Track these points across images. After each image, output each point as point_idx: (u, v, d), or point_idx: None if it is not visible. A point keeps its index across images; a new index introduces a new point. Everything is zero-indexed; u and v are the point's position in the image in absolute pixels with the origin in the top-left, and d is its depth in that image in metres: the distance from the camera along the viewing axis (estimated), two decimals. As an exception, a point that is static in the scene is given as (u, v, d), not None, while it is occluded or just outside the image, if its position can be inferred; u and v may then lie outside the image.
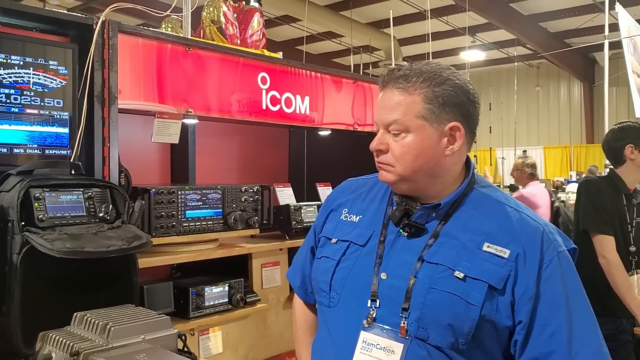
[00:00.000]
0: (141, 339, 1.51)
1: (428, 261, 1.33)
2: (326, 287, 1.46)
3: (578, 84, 18.10)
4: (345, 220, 1.52)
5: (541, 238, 1.33)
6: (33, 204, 1.65)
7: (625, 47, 7.47)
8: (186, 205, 2.42)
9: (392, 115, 1.36)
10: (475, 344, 1.28)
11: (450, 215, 1.38)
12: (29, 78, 1.93)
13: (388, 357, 1.30)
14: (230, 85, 2.54)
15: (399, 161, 1.36)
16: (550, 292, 1.29)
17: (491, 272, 1.29)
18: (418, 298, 1.30)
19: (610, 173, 3.21)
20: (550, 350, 1.27)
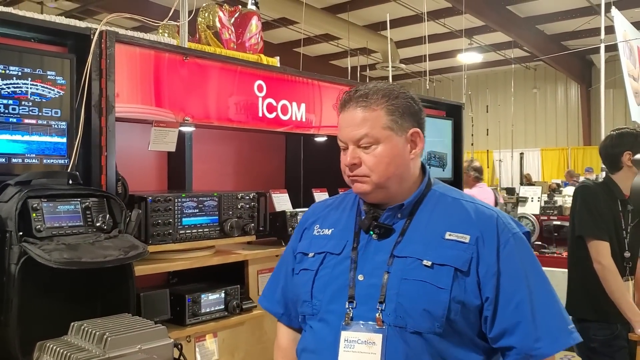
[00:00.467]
0: (137, 349, 1.53)
1: (398, 256, 1.46)
2: (307, 296, 1.55)
3: (575, 86, 18.16)
4: (319, 234, 1.63)
5: (496, 222, 1.49)
6: (31, 214, 1.67)
7: (621, 50, 7.51)
8: (183, 212, 2.43)
9: (360, 130, 1.49)
10: (450, 326, 1.40)
11: (413, 214, 1.53)
12: (27, 88, 1.94)
13: (370, 349, 1.40)
14: (227, 93, 2.56)
15: (374, 170, 1.49)
16: (510, 268, 1.44)
17: (455, 257, 1.43)
18: (392, 290, 1.42)
19: (606, 179, 3.23)
20: (517, 321, 1.41)
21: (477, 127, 13.96)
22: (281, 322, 1.74)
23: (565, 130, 18.47)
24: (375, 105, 1.49)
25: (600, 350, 3.09)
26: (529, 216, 7.01)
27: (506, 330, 1.42)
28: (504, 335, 1.43)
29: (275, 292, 1.74)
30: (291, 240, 1.75)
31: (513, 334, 1.41)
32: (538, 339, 1.41)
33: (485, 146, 15.11)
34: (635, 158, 2.91)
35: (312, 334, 1.53)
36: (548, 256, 6.46)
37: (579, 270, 3.18)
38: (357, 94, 1.51)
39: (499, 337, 1.43)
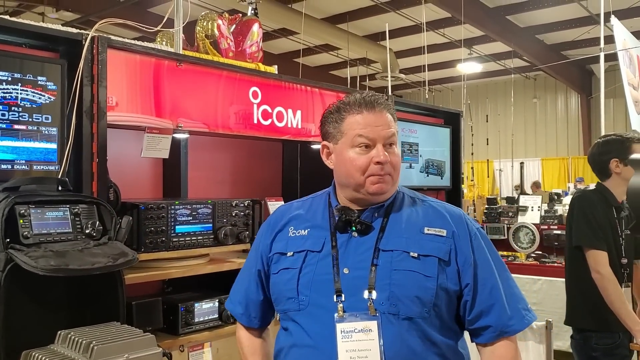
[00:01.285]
0: (124, 358, 1.50)
1: (383, 250, 1.57)
2: (293, 293, 1.61)
3: (575, 96, 18.14)
4: (295, 235, 1.69)
5: (464, 219, 1.66)
6: (18, 220, 1.64)
7: (620, 59, 7.50)
8: (176, 220, 2.40)
9: (391, 130, 1.62)
10: (435, 311, 1.55)
11: (389, 213, 1.64)
12: (17, 94, 1.92)
13: (367, 336, 1.50)
14: (220, 99, 2.53)
15: (396, 169, 1.63)
16: (482, 258, 1.62)
17: (437, 248, 1.58)
18: (384, 280, 1.53)
19: (599, 186, 3.19)
20: (492, 303, 1.58)
21: (477, 137, 13.93)
22: (240, 322, 1.81)
23: (565, 140, 18.43)
24: (391, 111, 1.65)
25: (603, 359, 3.05)
26: (529, 225, 6.95)
27: (483, 312, 1.59)
28: (480, 316, 1.59)
29: (238, 294, 1.82)
30: (259, 243, 1.78)
31: (489, 314, 1.58)
32: (510, 317, 1.59)
33: (486, 156, 15.08)
34: (632, 158, 2.87)
35: (302, 330, 1.58)
36: (548, 266, 6.40)
37: (577, 280, 3.15)
38: (380, 99, 1.63)
39: (477, 318, 1.60)
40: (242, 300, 1.80)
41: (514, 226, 6.96)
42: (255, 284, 1.77)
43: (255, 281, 1.77)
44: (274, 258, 1.70)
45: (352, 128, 1.60)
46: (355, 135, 1.59)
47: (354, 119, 1.60)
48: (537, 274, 6.09)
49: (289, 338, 1.63)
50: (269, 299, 1.76)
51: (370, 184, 1.59)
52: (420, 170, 3.82)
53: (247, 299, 1.79)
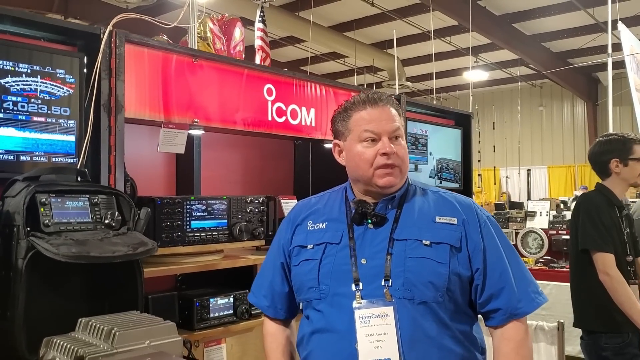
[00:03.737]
0: (146, 345, 1.49)
1: (397, 239, 1.65)
2: (314, 282, 1.69)
3: (581, 104, 18.11)
4: (313, 229, 1.77)
5: (474, 207, 1.75)
6: (39, 209, 1.64)
7: (628, 65, 7.49)
8: (191, 215, 2.41)
9: (395, 123, 1.70)
10: (449, 295, 1.62)
11: (402, 204, 1.72)
12: (36, 86, 1.94)
13: (384, 321, 1.58)
14: (235, 96, 2.54)
15: (403, 160, 1.70)
16: (491, 244, 1.69)
17: (449, 236, 1.66)
18: (398, 267, 1.61)
19: (600, 187, 3.18)
20: (502, 286, 1.66)
21: (484, 144, 13.93)
22: (267, 314, 1.87)
23: (572, 148, 18.38)
24: (395, 106, 1.73)
25: (613, 358, 3.04)
26: (538, 230, 6.92)
27: (493, 295, 1.66)
28: (491, 299, 1.66)
29: (262, 287, 1.88)
30: (279, 238, 1.87)
31: (499, 297, 1.66)
32: (519, 300, 1.66)
33: (492, 163, 15.05)
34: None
35: (323, 317, 1.66)
36: (557, 270, 6.37)
37: (584, 282, 3.14)
38: (383, 96, 1.72)
39: (487, 301, 1.67)
40: (267, 294, 1.86)
41: (522, 231, 6.94)
42: (280, 276, 1.83)
43: (280, 274, 1.84)
44: (294, 251, 1.78)
45: (359, 124, 1.69)
46: (362, 130, 1.68)
47: (360, 115, 1.70)
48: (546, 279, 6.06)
49: (310, 325, 1.70)
50: (293, 292, 1.83)
51: (378, 177, 1.66)
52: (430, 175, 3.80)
53: (272, 292, 1.85)
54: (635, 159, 3.10)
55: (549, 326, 3.87)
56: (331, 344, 1.63)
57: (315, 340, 1.68)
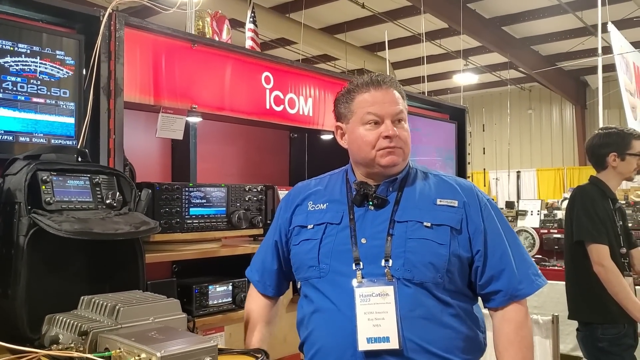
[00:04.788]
0: (150, 321, 1.48)
1: (398, 221, 1.66)
2: (314, 261, 1.70)
3: (570, 107, 18.26)
4: (314, 210, 1.78)
5: (474, 190, 1.75)
6: (40, 186, 1.62)
7: (618, 65, 7.56)
8: (190, 202, 2.39)
9: (399, 106, 1.69)
10: (449, 277, 1.63)
11: (402, 187, 1.73)
12: (35, 67, 1.92)
13: (385, 300, 1.59)
14: (234, 82, 2.54)
15: (406, 143, 1.71)
16: (492, 226, 1.69)
17: (449, 218, 1.66)
18: (399, 248, 1.62)
19: (594, 180, 3.21)
20: (502, 269, 1.67)
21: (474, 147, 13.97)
22: (257, 288, 1.92)
23: (560, 151, 18.52)
24: (399, 89, 1.73)
25: (609, 349, 3.05)
26: (529, 229, 6.95)
27: (493, 277, 1.67)
28: (491, 281, 1.67)
29: (256, 263, 1.93)
30: (279, 216, 1.88)
31: (499, 279, 1.67)
32: (520, 281, 1.67)
33: (482, 165, 15.12)
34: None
35: (323, 296, 1.67)
36: (549, 269, 6.39)
37: (579, 274, 3.16)
38: (387, 78, 1.71)
39: (487, 283, 1.68)
40: (259, 269, 1.91)
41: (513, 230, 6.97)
42: (270, 254, 1.88)
43: (271, 252, 1.88)
44: (294, 231, 1.80)
45: (361, 106, 1.69)
46: (365, 112, 1.68)
47: (363, 98, 1.69)
48: (539, 278, 6.07)
49: (311, 305, 1.72)
50: (283, 270, 1.88)
51: (381, 157, 1.67)
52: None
53: (263, 268, 1.90)
54: (632, 154, 3.13)
55: (544, 320, 3.89)
56: (332, 322, 1.64)
57: (316, 319, 1.69)
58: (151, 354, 1.25)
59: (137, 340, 1.31)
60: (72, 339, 1.41)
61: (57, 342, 1.43)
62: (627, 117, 7.88)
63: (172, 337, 1.35)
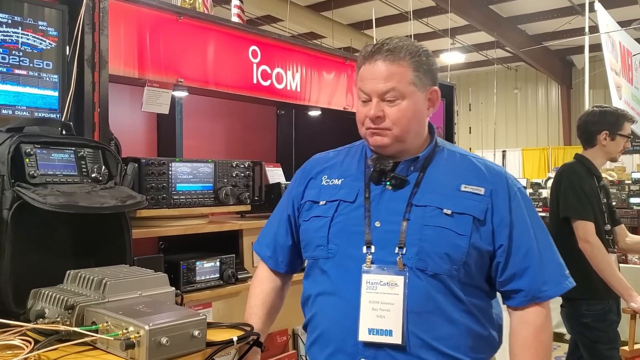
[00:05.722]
0: (138, 295, 1.47)
1: (417, 205, 1.53)
2: (323, 241, 1.60)
3: (556, 87, 18.33)
4: (328, 184, 1.67)
5: (505, 177, 1.60)
6: (24, 159, 1.59)
7: (604, 44, 7.57)
8: (177, 178, 2.37)
9: (387, 84, 1.52)
10: (465, 270, 1.51)
11: (425, 167, 1.59)
12: (17, 37, 1.87)
13: (392, 290, 1.48)
14: (220, 56, 2.50)
15: (397, 124, 1.53)
16: (519, 219, 1.56)
17: (473, 206, 1.53)
18: (414, 235, 1.50)
19: (580, 157, 3.23)
20: (526, 266, 1.54)
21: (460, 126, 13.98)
22: (267, 264, 1.79)
23: (545, 131, 18.63)
24: (402, 60, 1.52)
25: (593, 325, 3.09)
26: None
27: (515, 274, 1.54)
28: (513, 279, 1.54)
29: (267, 237, 1.80)
30: (292, 189, 1.77)
31: (522, 277, 1.54)
32: (545, 282, 1.54)
33: (468, 145, 15.16)
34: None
35: (329, 278, 1.57)
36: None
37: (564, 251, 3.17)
38: (385, 47, 1.53)
39: (508, 280, 1.55)
40: (270, 244, 1.79)
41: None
42: (284, 229, 1.76)
43: (284, 226, 1.76)
44: (305, 205, 1.70)
45: (357, 81, 1.60)
46: (358, 89, 1.59)
47: (360, 71, 1.59)
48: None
49: (316, 286, 1.63)
50: (297, 246, 1.75)
51: (369, 136, 1.57)
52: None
53: (275, 243, 1.78)
54: (622, 135, 3.15)
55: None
56: (335, 308, 1.55)
57: (320, 302, 1.60)
58: (139, 327, 1.24)
59: (124, 314, 1.29)
60: (58, 313, 1.40)
61: (43, 317, 1.41)
62: (612, 97, 7.92)
63: (160, 310, 1.34)
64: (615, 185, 8.61)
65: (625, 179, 9.64)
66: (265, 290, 1.77)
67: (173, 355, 1.27)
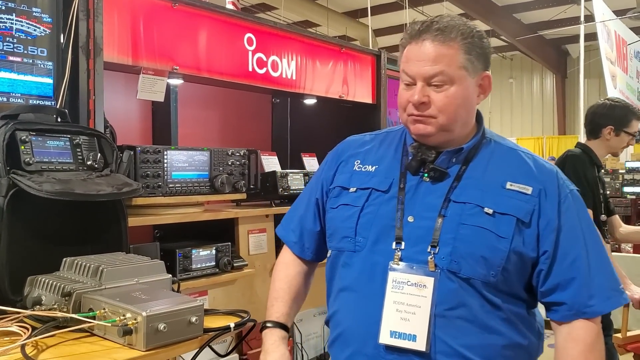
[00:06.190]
0: (134, 282, 1.47)
1: (455, 201, 1.39)
2: (351, 232, 1.46)
3: (551, 76, 18.34)
4: (360, 170, 1.54)
5: (556, 177, 1.45)
6: (19, 147, 1.58)
7: (599, 33, 7.57)
8: (172, 166, 2.36)
9: (435, 67, 1.37)
10: (504, 276, 1.36)
11: (469, 160, 1.45)
12: (11, 24, 1.86)
13: (421, 292, 1.35)
14: (216, 44, 2.49)
15: (443, 112, 1.39)
16: (569, 224, 1.40)
17: (518, 207, 1.38)
18: (448, 234, 1.36)
19: (582, 146, 3.23)
20: (572, 277, 1.37)
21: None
22: (292, 250, 1.66)
23: (540, 120, 18.66)
24: (452, 42, 1.38)
25: None
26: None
27: (559, 285, 1.38)
28: (556, 290, 1.39)
29: (292, 222, 1.67)
30: (322, 171, 1.65)
31: (566, 289, 1.38)
32: (591, 296, 1.38)
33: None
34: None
35: (352, 273, 1.45)
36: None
37: None
38: (434, 26, 1.38)
39: (551, 291, 1.40)
40: (295, 228, 1.66)
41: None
42: (312, 213, 1.63)
43: (313, 211, 1.63)
44: (334, 191, 1.56)
45: (401, 62, 1.44)
46: (401, 70, 1.43)
47: (404, 52, 1.43)
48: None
49: (339, 280, 1.51)
50: (325, 233, 1.61)
51: (410, 123, 1.43)
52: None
53: (301, 228, 1.64)
54: (627, 132, 3.15)
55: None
56: (358, 306, 1.43)
57: (343, 298, 1.48)
58: (136, 314, 1.24)
59: (121, 300, 1.30)
60: (55, 300, 1.40)
61: (40, 304, 1.41)
62: (607, 86, 7.93)
63: (157, 297, 1.34)
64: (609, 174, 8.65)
65: (619, 168, 9.67)
66: (291, 274, 1.64)
67: (170, 342, 1.27)
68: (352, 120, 3.43)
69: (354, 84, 3.23)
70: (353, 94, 3.24)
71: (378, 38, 14.91)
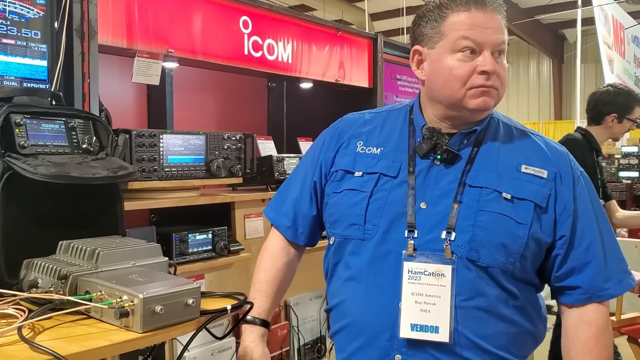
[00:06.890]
0: (131, 265, 1.47)
1: (471, 185, 1.35)
2: (359, 219, 1.41)
3: (547, 61, 18.31)
4: (364, 152, 1.47)
5: (568, 159, 1.43)
6: (14, 129, 1.57)
7: (596, 17, 7.56)
8: (168, 150, 2.36)
9: (502, 36, 1.35)
10: (521, 263, 1.34)
11: (480, 142, 1.41)
12: (4, 6, 1.84)
13: (439, 281, 1.31)
14: (211, 26, 2.47)
15: (503, 83, 1.37)
16: (583, 207, 1.38)
17: (535, 191, 1.35)
18: (467, 221, 1.32)
19: (582, 131, 3.24)
20: (587, 261, 1.37)
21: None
22: (285, 235, 1.60)
23: (537, 105, 18.66)
24: (502, 14, 1.38)
25: None
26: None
27: (574, 269, 1.37)
28: (571, 274, 1.38)
29: (284, 204, 1.60)
30: (319, 152, 1.55)
31: (581, 273, 1.37)
32: (607, 279, 1.38)
33: (460, 119, 15.17)
34: None
35: (362, 262, 1.40)
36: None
37: None
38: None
39: (566, 275, 1.38)
40: (288, 212, 1.58)
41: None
42: (308, 196, 1.55)
43: (309, 193, 1.55)
44: (337, 175, 1.49)
45: (456, 29, 1.33)
46: (460, 37, 1.33)
47: (459, 18, 1.34)
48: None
49: (346, 270, 1.45)
50: (321, 218, 1.55)
51: (471, 97, 1.34)
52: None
53: (295, 212, 1.57)
54: (630, 119, 3.16)
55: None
56: (368, 297, 1.38)
57: (350, 288, 1.42)
58: (133, 296, 1.24)
59: (118, 283, 1.29)
60: (51, 283, 1.39)
61: (36, 287, 1.41)
62: (604, 71, 7.93)
63: (154, 279, 1.34)
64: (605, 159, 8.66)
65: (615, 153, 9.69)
66: (277, 264, 1.59)
67: (167, 324, 1.27)
68: (348, 104, 3.40)
69: (350, 67, 3.22)
70: (349, 78, 3.23)
71: (374, 22, 14.83)
